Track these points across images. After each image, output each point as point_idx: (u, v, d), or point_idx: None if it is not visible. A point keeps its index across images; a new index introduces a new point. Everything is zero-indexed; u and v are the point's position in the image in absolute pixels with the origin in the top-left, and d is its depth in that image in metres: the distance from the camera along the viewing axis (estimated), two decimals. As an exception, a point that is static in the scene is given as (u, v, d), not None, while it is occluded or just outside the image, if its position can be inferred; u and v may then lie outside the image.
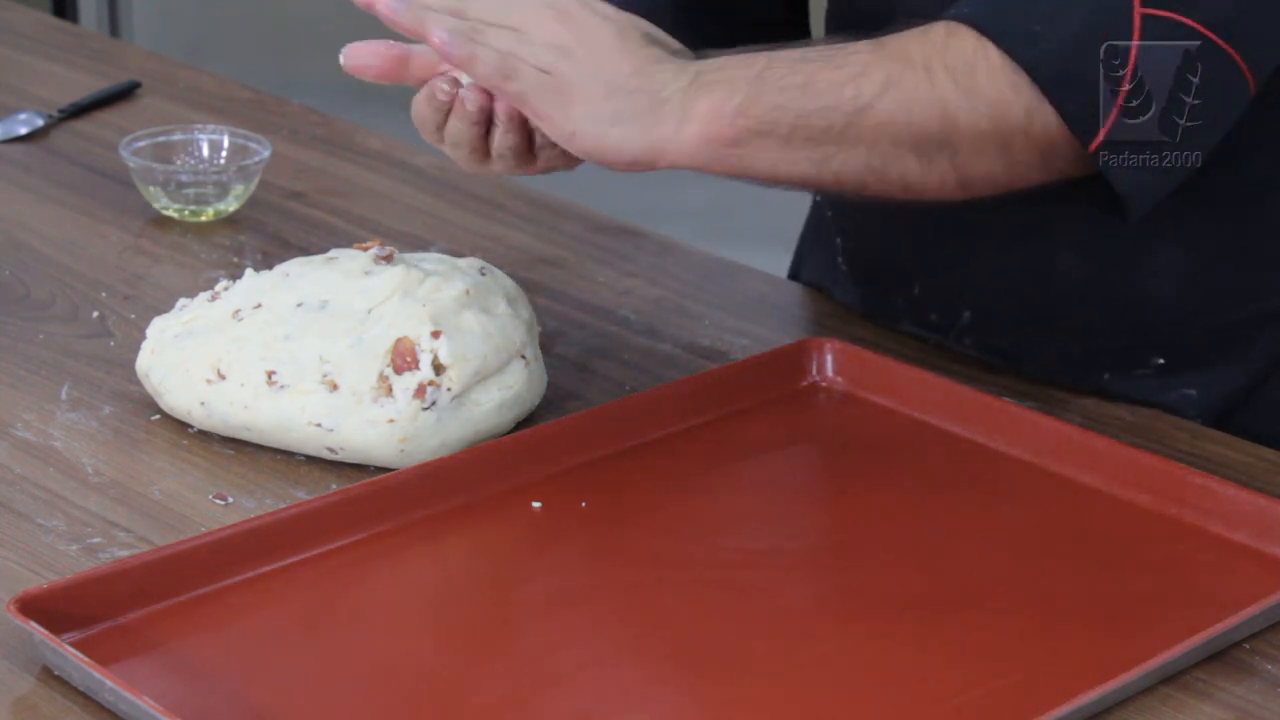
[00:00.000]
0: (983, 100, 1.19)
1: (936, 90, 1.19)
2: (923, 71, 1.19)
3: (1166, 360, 1.41)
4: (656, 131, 1.19)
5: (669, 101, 1.20)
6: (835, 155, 1.20)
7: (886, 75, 1.19)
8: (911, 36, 1.21)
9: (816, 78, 1.19)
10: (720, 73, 1.20)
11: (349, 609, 1.18)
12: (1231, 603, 1.17)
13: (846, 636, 1.16)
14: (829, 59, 1.20)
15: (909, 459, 1.35)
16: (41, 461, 1.31)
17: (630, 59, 1.20)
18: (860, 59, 1.20)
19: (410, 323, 1.31)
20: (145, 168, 1.67)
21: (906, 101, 1.19)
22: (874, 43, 1.21)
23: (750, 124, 1.19)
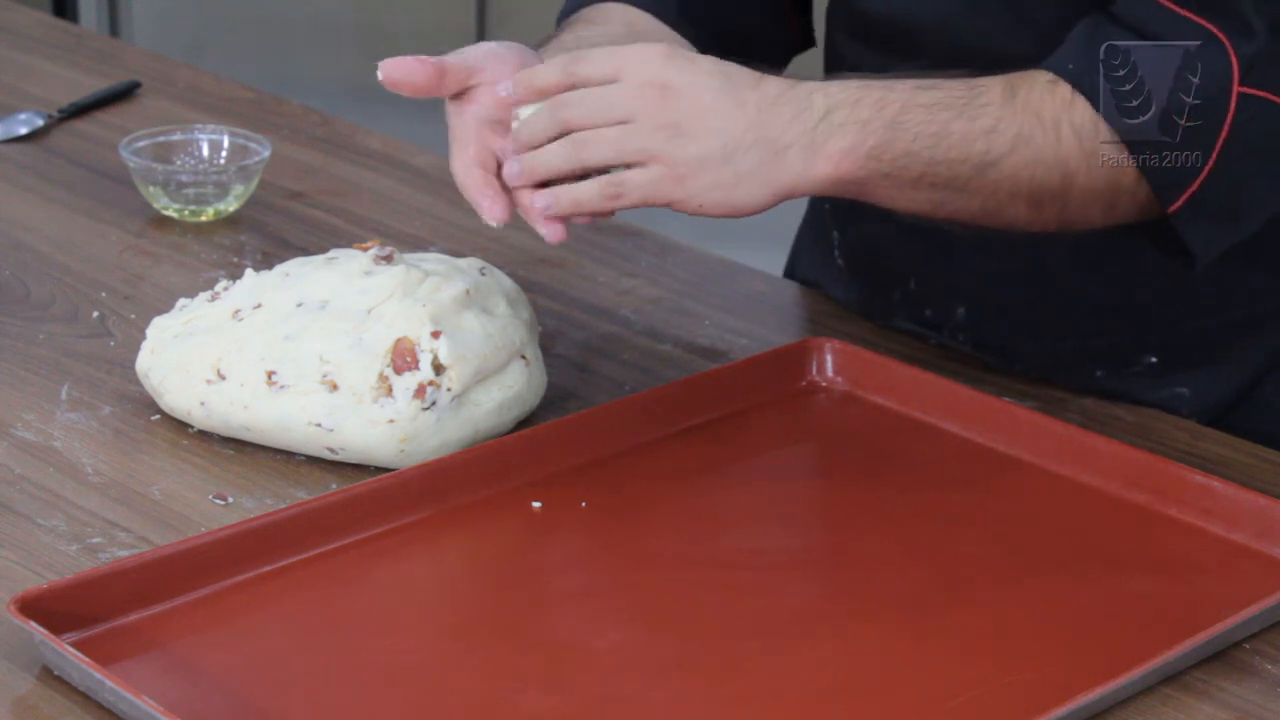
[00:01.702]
0: (1099, 168, 1.23)
1: (1062, 150, 1.23)
2: (1052, 131, 1.22)
3: (1159, 359, 1.41)
4: (782, 179, 1.20)
5: (792, 147, 1.20)
6: (955, 199, 1.23)
7: (1018, 132, 1.22)
8: (1040, 88, 1.23)
9: (950, 128, 1.21)
10: (853, 112, 1.21)
11: (349, 609, 1.18)
12: (1231, 603, 1.17)
13: (846, 636, 1.16)
14: (963, 108, 1.22)
15: (908, 459, 1.35)
16: (41, 461, 1.31)
17: (743, 112, 1.20)
18: (993, 112, 1.22)
19: (410, 323, 1.31)
20: (145, 168, 1.67)
21: (1033, 159, 1.22)
22: (1005, 91, 1.23)
23: (881, 167, 1.21)
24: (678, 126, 1.19)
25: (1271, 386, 1.43)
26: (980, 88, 1.23)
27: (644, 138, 1.19)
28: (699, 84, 1.19)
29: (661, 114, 1.18)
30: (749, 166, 1.19)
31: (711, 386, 1.39)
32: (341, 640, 1.15)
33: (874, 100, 1.21)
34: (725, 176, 1.19)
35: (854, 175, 1.21)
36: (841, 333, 1.49)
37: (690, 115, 1.19)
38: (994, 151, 1.22)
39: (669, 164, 1.19)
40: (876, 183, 1.22)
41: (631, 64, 1.20)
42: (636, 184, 1.20)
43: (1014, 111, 1.22)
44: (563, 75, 1.20)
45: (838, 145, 1.20)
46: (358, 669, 1.12)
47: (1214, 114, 1.22)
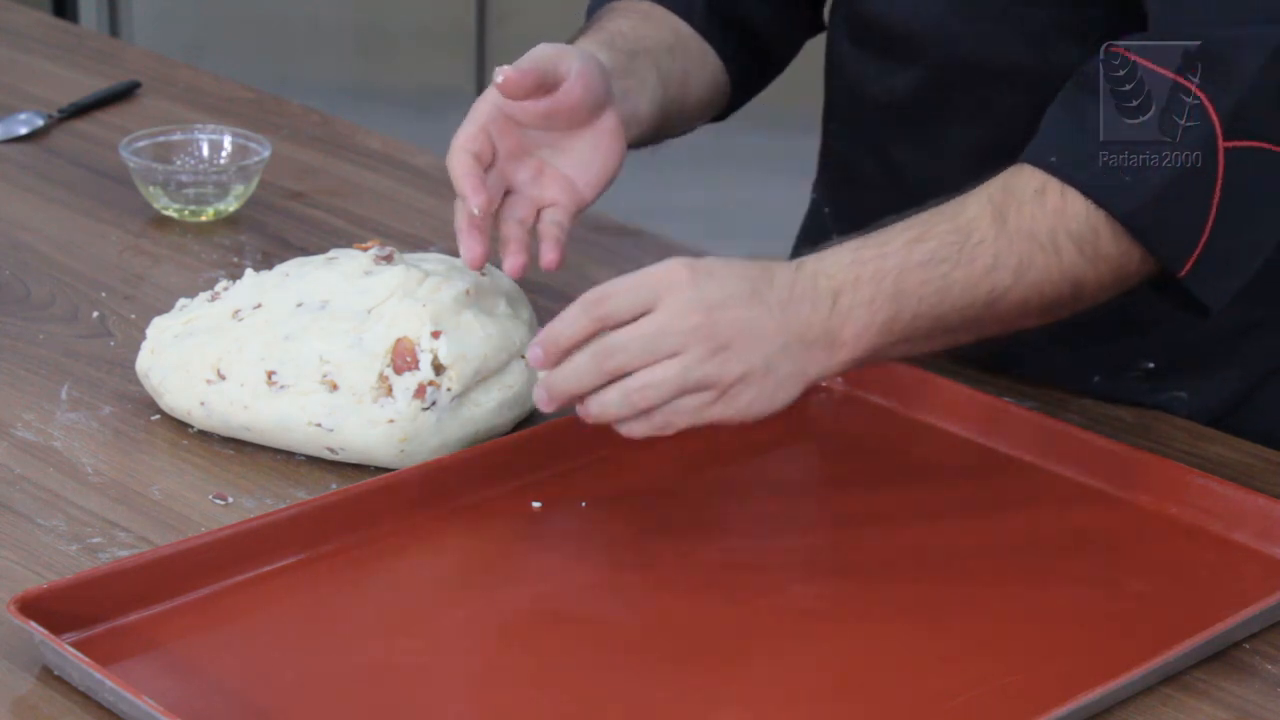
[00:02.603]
0: (1107, 263, 1.23)
1: (1065, 265, 1.22)
2: (1051, 251, 1.22)
3: (1156, 365, 1.41)
4: (811, 372, 1.20)
5: (817, 342, 1.20)
6: (971, 334, 1.24)
7: (1019, 261, 1.22)
8: (1028, 202, 1.22)
9: (951, 279, 1.21)
10: (857, 294, 1.20)
11: (349, 609, 1.18)
12: (1231, 603, 1.17)
13: (847, 636, 1.16)
14: (959, 256, 1.21)
15: (908, 459, 1.35)
16: (41, 461, 1.31)
17: (770, 317, 1.19)
18: (989, 249, 1.22)
19: (410, 323, 1.31)
20: (145, 168, 1.67)
21: (1039, 281, 1.22)
22: (995, 220, 1.22)
23: (894, 337, 1.22)
24: (727, 347, 1.18)
25: (1271, 391, 1.43)
26: (970, 225, 1.22)
27: (700, 368, 1.17)
28: (732, 297, 1.18)
29: (710, 339, 1.17)
30: (787, 370, 1.19)
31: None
32: (341, 640, 1.15)
33: (872, 275, 1.21)
34: (768, 385, 1.19)
35: (872, 349, 1.21)
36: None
37: (734, 332, 1.18)
38: (999, 287, 1.22)
39: (721, 386, 1.18)
40: (895, 347, 1.23)
41: (663, 294, 1.18)
42: (686, 411, 1.18)
43: (1009, 240, 1.22)
44: (591, 323, 1.18)
45: (851, 331, 1.20)
46: (358, 669, 1.12)
47: (1205, 174, 1.22)
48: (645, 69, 1.42)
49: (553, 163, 1.36)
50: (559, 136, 1.35)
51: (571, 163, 1.36)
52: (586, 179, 1.36)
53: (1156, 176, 1.22)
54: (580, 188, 1.37)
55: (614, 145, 1.36)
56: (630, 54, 1.42)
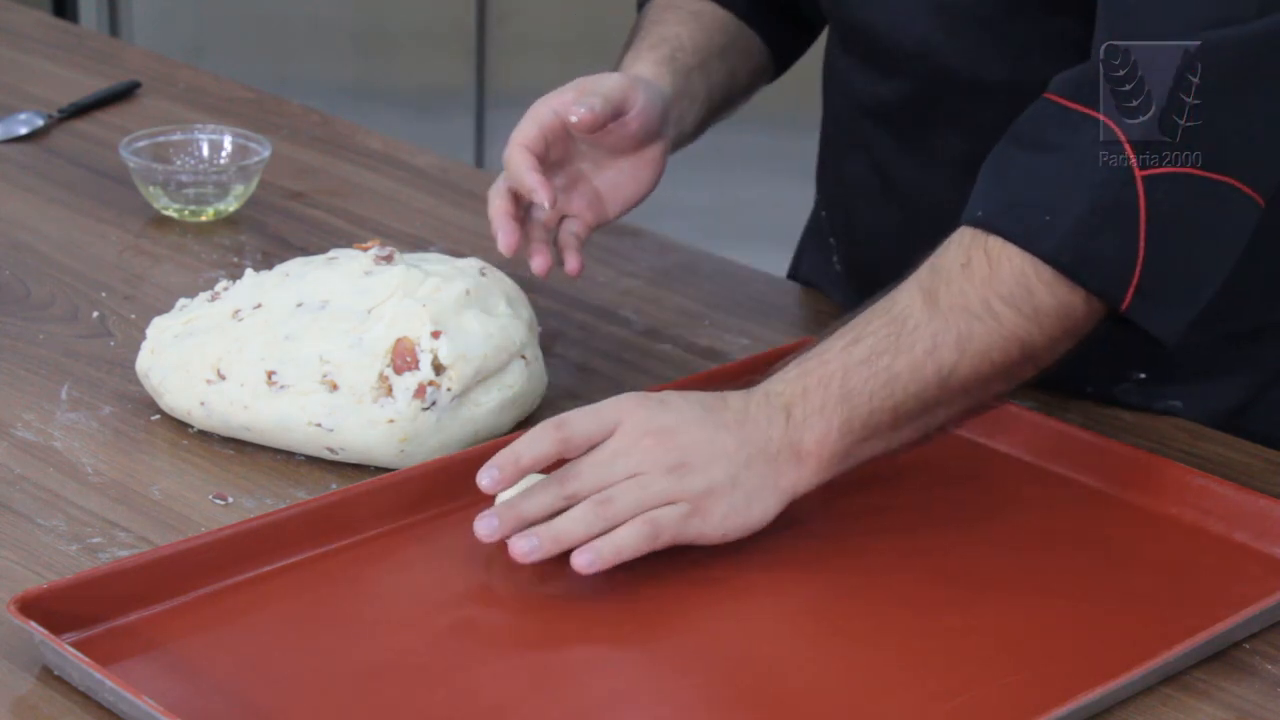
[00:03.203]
0: (1049, 316, 1.23)
1: (1005, 329, 1.23)
2: (988, 318, 1.22)
3: (1148, 375, 1.41)
4: (782, 484, 1.22)
5: (779, 455, 1.22)
6: (935, 417, 1.25)
7: (957, 336, 1.22)
8: (957, 276, 1.23)
9: (895, 370, 1.22)
10: (807, 404, 1.23)
11: (349, 609, 1.18)
12: (1231, 603, 1.17)
13: (846, 636, 1.16)
14: (898, 342, 1.23)
15: (907, 459, 1.35)
16: (41, 461, 1.31)
17: (729, 434, 1.22)
18: (925, 331, 1.23)
19: (410, 323, 1.31)
20: (145, 168, 1.67)
21: (984, 352, 1.23)
22: (926, 303, 1.23)
23: (856, 437, 1.23)
24: (684, 465, 1.20)
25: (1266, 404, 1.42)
26: (903, 314, 1.23)
27: (659, 483, 1.20)
28: (686, 420, 1.22)
29: (666, 457, 1.20)
30: (753, 485, 1.21)
31: (712, 387, 1.39)
32: (341, 640, 1.15)
33: (817, 383, 1.23)
34: (737, 500, 1.21)
35: (838, 454, 1.23)
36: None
37: (690, 451, 1.21)
38: (945, 364, 1.23)
39: (688, 499, 1.20)
40: (862, 447, 1.24)
41: (621, 418, 1.22)
42: (669, 521, 1.20)
43: (943, 319, 1.23)
44: (553, 447, 1.21)
45: (812, 438, 1.22)
46: (357, 669, 1.12)
47: (1126, 204, 1.22)
48: (698, 84, 1.47)
49: (588, 176, 1.42)
50: (603, 155, 1.41)
51: (607, 180, 1.42)
52: (615, 199, 1.42)
53: (1075, 210, 1.22)
54: (607, 206, 1.42)
55: (651, 174, 1.42)
56: (687, 72, 1.46)
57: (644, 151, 1.41)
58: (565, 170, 1.41)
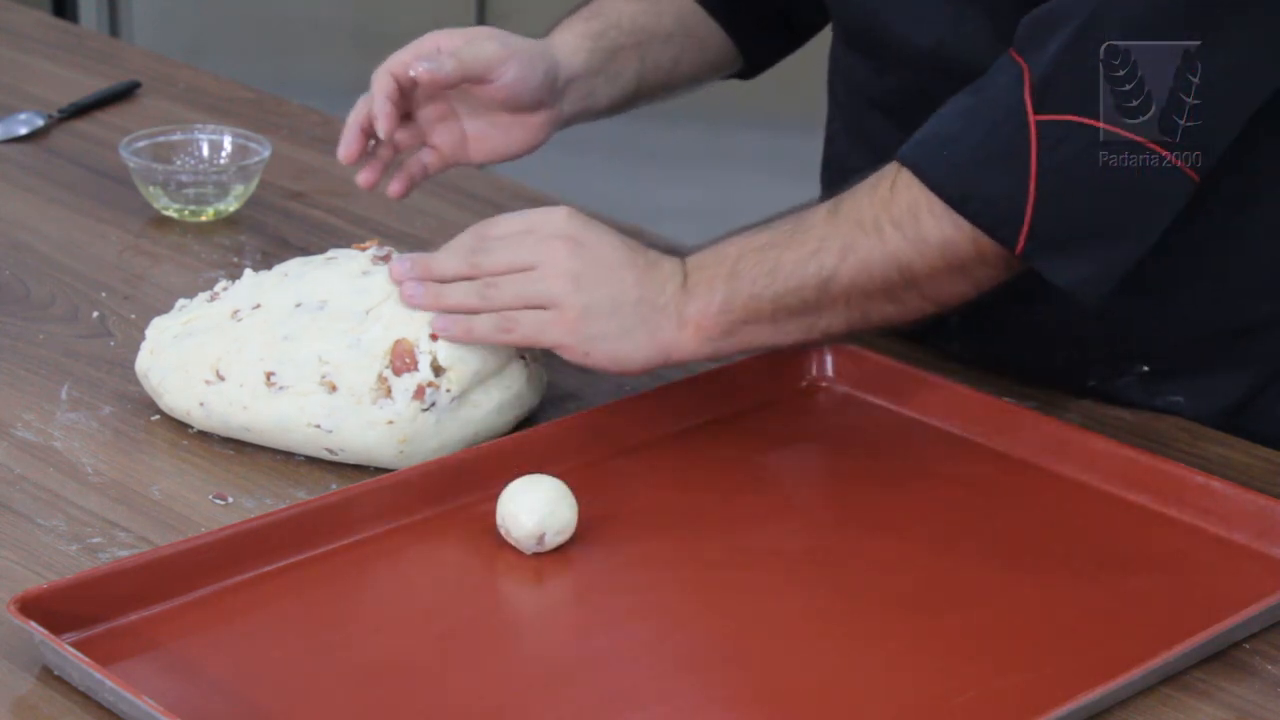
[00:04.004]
0: (931, 244, 1.27)
1: (888, 247, 1.28)
2: (874, 233, 1.28)
3: (1151, 367, 1.41)
4: (660, 337, 1.30)
5: (666, 309, 1.30)
6: (819, 320, 1.31)
7: (842, 244, 1.29)
8: (864, 193, 1.30)
9: (782, 261, 1.29)
10: (701, 274, 1.30)
11: (349, 609, 1.18)
12: (1231, 603, 1.17)
13: (846, 636, 1.16)
14: (791, 238, 1.30)
15: (908, 460, 1.35)
16: (41, 461, 1.31)
17: (632, 271, 1.30)
18: (817, 234, 1.29)
19: (409, 324, 1.31)
20: (145, 168, 1.67)
21: (865, 263, 1.28)
22: (830, 210, 1.30)
23: (735, 316, 1.30)
24: (577, 277, 1.29)
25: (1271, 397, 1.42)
26: (806, 215, 1.30)
27: (546, 284, 1.29)
28: (601, 242, 1.31)
29: (565, 263, 1.29)
30: (632, 322, 1.29)
31: (712, 387, 1.39)
32: (341, 640, 1.15)
33: (715, 260, 1.31)
34: (611, 328, 1.29)
35: (717, 330, 1.30)
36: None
37: (589, 267, 1.29)
38: (826, 267, 1.28)
39: (562, 309, 1.29)
40: (741, 330, 1.30)
41: (541, 220, 1.32)
42: (529, 323, 1.30)
43: (835, 226, 1.29)
44: (475, 239, 1.32)
45: (694, 308, 1.30)
46: (357, 669, 1.12)
47: (1017, 146, 1.24)
48: (626, 64, 1.50)
49: (460, 117, 1.46)
50: (478, 104, 1.45)
51: (476, 128, 1.46)
52: (480, 148, 1.47)
53: (968, 145, 1.26)
54: (469, 150, 1.47)
55: (526, 136, 1.46)
56: (614, 50, 1.49)
57: (521, 115, 1.45)
58: (439, 103, 1.45)
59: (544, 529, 1.21)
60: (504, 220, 1.33)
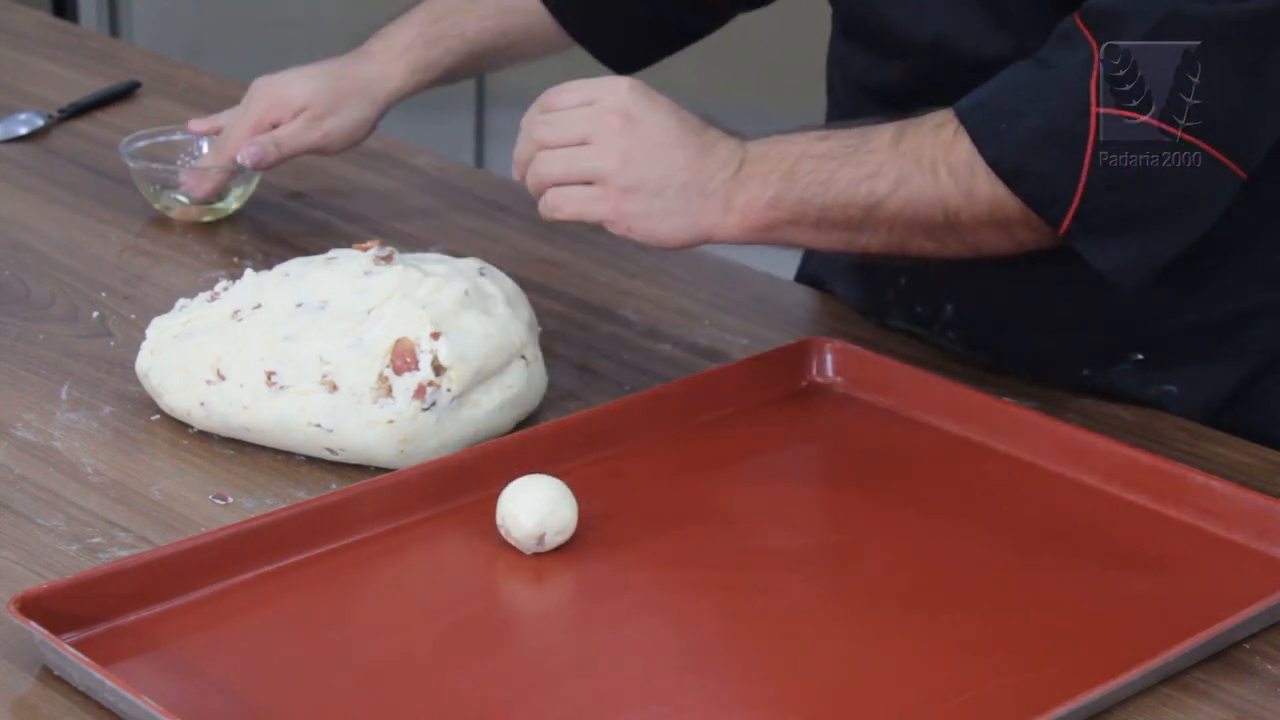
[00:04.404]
0: (980, 200, 1.30)
1: (940, 190, 1.31)
2: (929, 172, 1.31)
3: (1146, 357, 1.42)
4: (703, 221, 1.33)
5: (715, 194, 1.32)
6: (859, 237, 1.34)
7: (898, 175, 1.31)
8: (926, 132, 1.32)
9: (837, 175, 1.32)
10: (757, 165, 1.33)
11: (349, 609, 1.18)
12: (1231, 603, 1.17)
13: (846, 635, 1.16)
14: (851, 156, 1.32)
15: (908, 459, 1.35)
16: (41, 461, 1.31)
17: (684, 153, 1.33)
18: (877, 159, 1.32)
19: (410, 324, 1.31)
20: (145, 168, 1.67)
21: (913, 199, 1.31)
22: (893, 137, 1.32)
23: (782, 215, 1.33)
24: (627, 154, 1.31)
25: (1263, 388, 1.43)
26: (870, 135, 1.33)
27: (595, 161, 1.32)
28: (657, 120, 1.33)
29: (617, 140, 1.32)
30: (677, 204, 1.32)
31: (711, 387, 1.39)
32: (341, 640, 1.15)
33: (776, 155, 1.33)
34: (655, 208, 1.31)
35: (761, 223, 1.33)
36: (841, 333, 1.49)
37: (641, 145, 1.32)
38: (877, 193, 1.31)
39: (608, 186, 1.31)
40: (783, 228, 1.33)
41: (602, 92, 1.33)
42: (575, 199, 1.33)
43: (896, 156, 1.31)
44: (539, 110, 1.35)
45: (744, 198, 1.32)
46: (357, 669, 1.12)
47: (1076, 133, 1.27)
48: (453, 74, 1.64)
49: None
50: None
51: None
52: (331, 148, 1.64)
53: (1029, 125, 1.28)
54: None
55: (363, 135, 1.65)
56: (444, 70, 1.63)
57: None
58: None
59: (544, 529, 1.21)
60: (567, 90, 1.35)
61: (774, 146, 1.33)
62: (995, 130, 1.29)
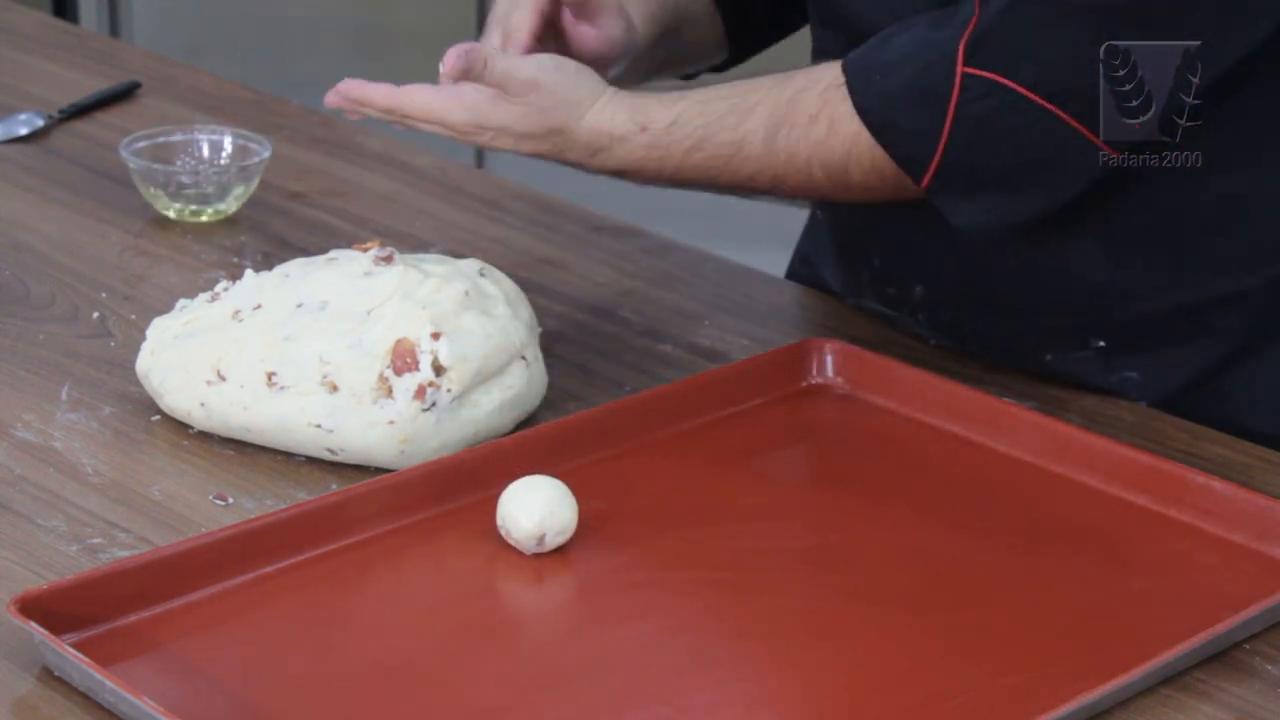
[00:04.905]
0: (854, 189, 1.37)
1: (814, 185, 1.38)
2: (805, 174, 1.37)
3: (1107, 344, 1.43)
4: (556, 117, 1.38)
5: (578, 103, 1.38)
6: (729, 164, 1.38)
7: (774, 175, 1.37)
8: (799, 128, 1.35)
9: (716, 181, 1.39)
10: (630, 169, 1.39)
11: (349, 610, 1.18)
12: (1231, 603, 1.17)
13: (847, 636, 1.16)
14: (725, 165, 1.38)
15: (909, 460, 1.35)
16: (42, 462, 1.31)
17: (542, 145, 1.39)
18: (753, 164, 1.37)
19: (410, 324, 1.31)
20: (145, 168, 1.67)
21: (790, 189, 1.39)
22: (766, 138, 1.36)
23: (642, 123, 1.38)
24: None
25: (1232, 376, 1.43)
26: (744, 140, 1.37)
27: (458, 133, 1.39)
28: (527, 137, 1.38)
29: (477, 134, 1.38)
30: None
31: (712, 387, 1.39)
32: (342, 641, 1.15)
33: (655, 164, 1.38)
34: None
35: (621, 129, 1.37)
36: (841, 333, 1.49)
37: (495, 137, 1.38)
38: (756, 188, 1.39)
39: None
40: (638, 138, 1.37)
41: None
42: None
43: (771, 158, 1.36)
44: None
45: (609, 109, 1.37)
46: (358, 670, 1.12)
47: (940, 90, 1.31)
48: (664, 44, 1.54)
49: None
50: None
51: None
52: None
53: (899, 79, 1.32)
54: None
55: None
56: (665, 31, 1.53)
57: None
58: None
59: (544, 529, 1.21)
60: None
61: (650, 153, 1.38)
62: (868, 82, 1.33)
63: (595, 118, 1.37)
